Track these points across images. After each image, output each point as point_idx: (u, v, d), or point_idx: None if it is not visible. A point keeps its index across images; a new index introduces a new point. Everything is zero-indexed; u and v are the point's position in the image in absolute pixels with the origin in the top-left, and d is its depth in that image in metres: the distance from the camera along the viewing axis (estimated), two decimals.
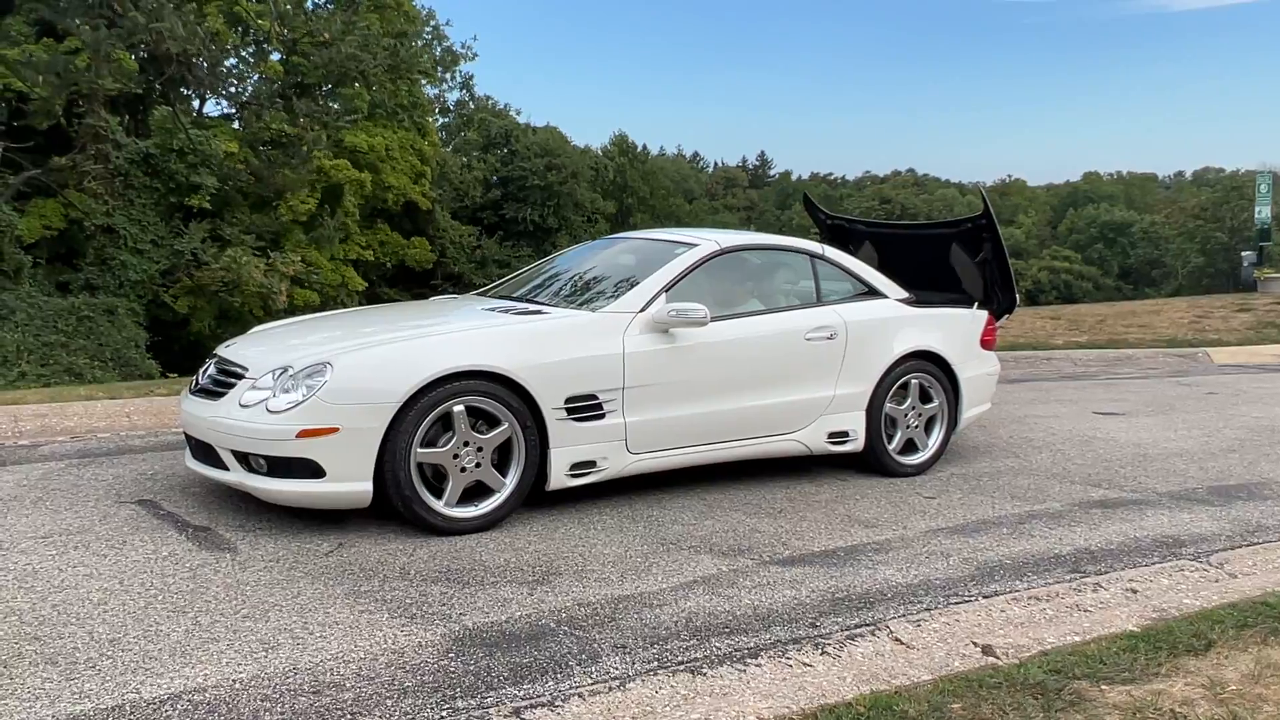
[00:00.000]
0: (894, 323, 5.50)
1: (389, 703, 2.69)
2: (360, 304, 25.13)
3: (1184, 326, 14.53)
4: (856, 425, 5.33)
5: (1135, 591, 3.72)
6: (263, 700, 2.68)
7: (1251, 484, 5.53)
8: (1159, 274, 55.13)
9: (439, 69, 35.52)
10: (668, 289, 4.85)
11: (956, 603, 3.58)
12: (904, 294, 5.69)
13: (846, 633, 3.25)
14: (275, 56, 22.41)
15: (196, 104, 23.60)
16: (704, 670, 2.93)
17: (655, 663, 3.00)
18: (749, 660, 3.01)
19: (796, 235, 7.75)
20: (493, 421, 4.25)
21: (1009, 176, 78.50)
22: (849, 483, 5.31)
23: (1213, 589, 3.78)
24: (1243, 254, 25.88)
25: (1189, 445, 6.56)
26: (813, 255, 5.56)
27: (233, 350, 4.66)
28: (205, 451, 4.28)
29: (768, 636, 3.23)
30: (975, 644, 3.20)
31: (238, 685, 2.76)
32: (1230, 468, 5.93)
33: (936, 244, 6.28)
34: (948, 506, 4.91)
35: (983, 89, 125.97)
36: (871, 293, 5.61)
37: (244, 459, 4.08)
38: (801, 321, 5.20)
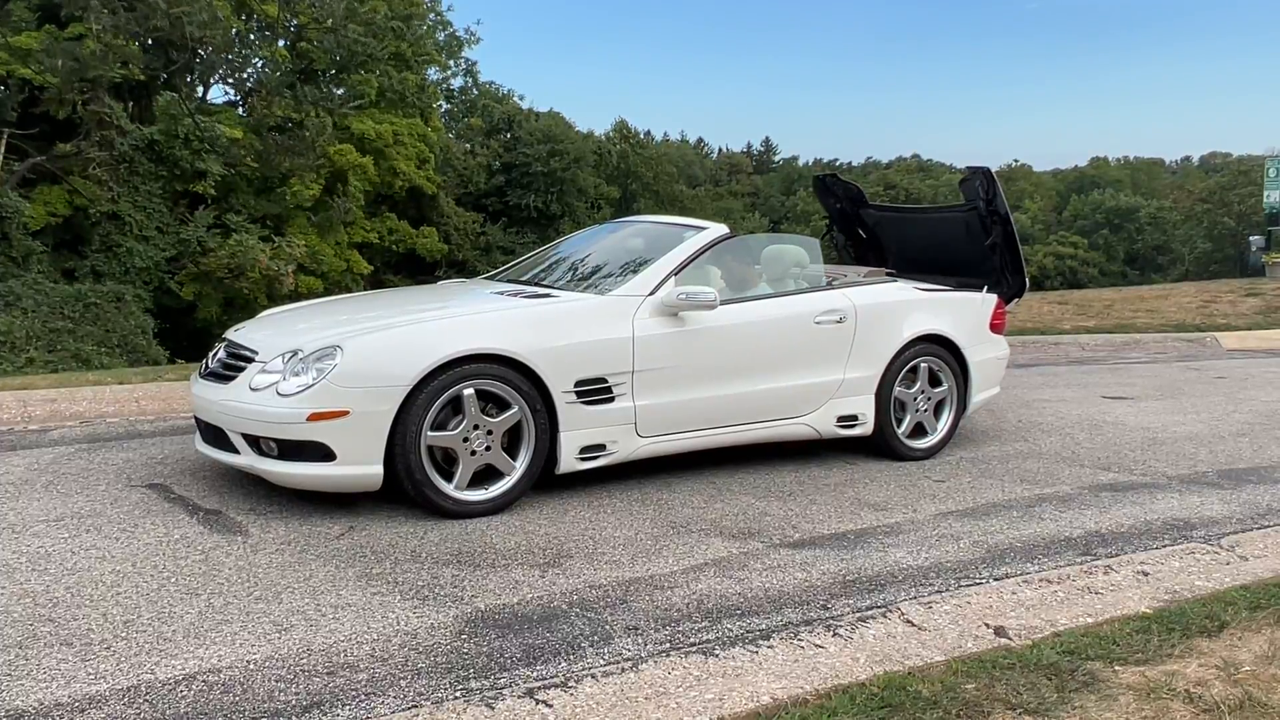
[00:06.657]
0: (903, 306, 5.48)
1: (403, 683, 2.70)
2: (365, 289, 25.11)
3: (1192, 311, 14.46)
4: (866, 409, 5.32)
5: (1146, 574, 3.71)
6: (277, 681, 2.69)
7: (1261, 467, 5.52)
8: (1165, 259, 54.86)
9: (443, 54, 35.36)
10: (677, 272, 4.83)
11: (968, 585, 3.58)
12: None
13: (858, 614, 3.25)
14: (281, 42, 22.35)
15: (200, 91, 23.54)
16: (716, 651, 2.93)
17: (667, 644, 3.00)
18: (761, 642, 3.01)
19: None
20: (503, 405, 4.25)
21: (1015, 161, 77.93)
22: (858, 466, 5.31)
23: (1224, 571, 3.78)
24: (1250, 239, 25.81)
25: (1198, 429, 6.54)
26: None
27: (242, 334, 4.65)
28: (216, 435, 4.28)
29: (779, 618, 3.23)
30: (987, 625, 3.20)
31: (252, 666, 2.77)
32: (1240, 451, 5.91)
33: (948, 227, 6.25)
34: (957, 490, 4.90)
35: (988, 73, 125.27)
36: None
37: (255, 442, 4.08)
38: (810, 305, 5.19)
